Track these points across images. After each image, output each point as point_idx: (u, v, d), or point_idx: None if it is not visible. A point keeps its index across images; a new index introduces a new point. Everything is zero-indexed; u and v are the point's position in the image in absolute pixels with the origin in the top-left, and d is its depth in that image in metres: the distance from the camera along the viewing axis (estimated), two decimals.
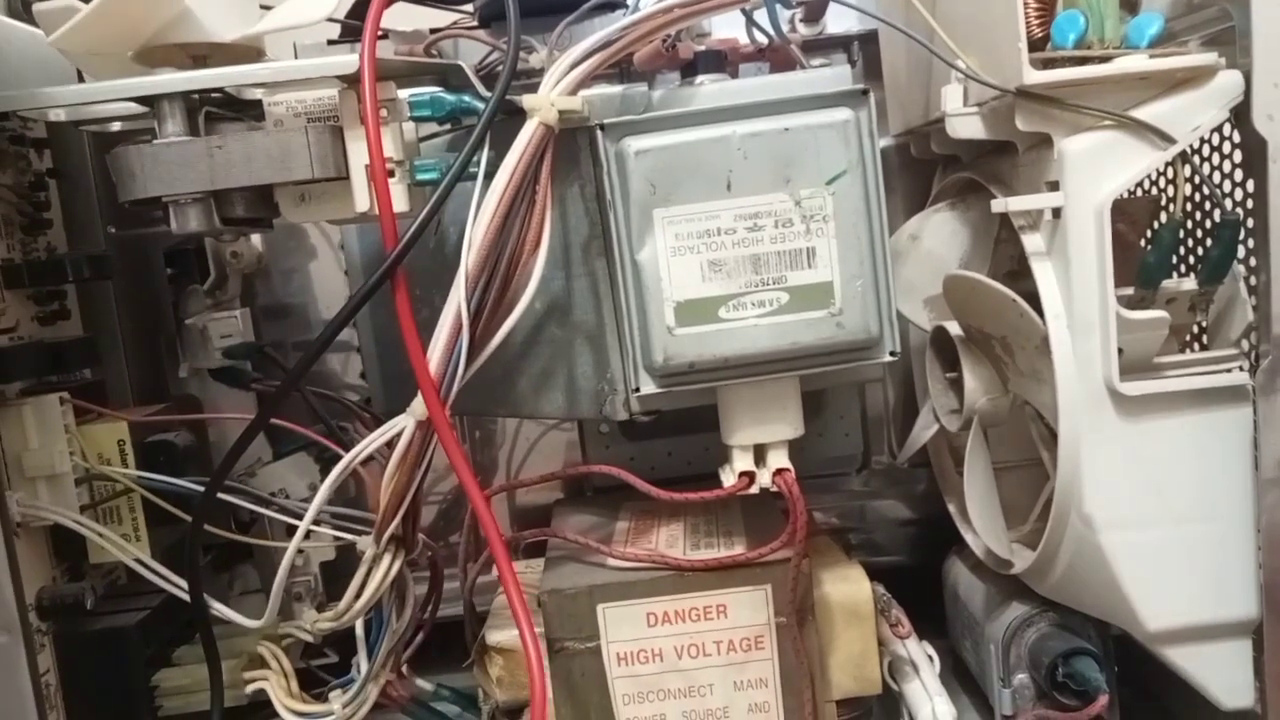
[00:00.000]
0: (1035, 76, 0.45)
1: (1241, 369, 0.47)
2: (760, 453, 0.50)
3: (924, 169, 0.65)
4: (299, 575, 0.64)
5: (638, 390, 0.48)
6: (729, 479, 0.49)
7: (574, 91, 0.45)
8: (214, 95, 0.47)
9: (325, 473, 0.63)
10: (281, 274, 0.71)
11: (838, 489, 0.73)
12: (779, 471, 0.49)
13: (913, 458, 0.69)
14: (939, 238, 0.59)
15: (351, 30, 0.62)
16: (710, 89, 0.49)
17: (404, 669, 0.58)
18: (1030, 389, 0.51)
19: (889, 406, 0.72)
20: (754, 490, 0.49)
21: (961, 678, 0.61)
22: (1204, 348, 0.53)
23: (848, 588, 0.52)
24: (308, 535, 0.55)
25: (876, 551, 0.73)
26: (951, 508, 0.64)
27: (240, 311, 0.60)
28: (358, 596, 0.49)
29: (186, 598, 0.50)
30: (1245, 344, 0.49)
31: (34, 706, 0.49)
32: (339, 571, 0.61)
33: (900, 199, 0.66)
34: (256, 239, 0.62)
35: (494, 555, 0.45)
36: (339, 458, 0.48)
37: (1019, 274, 0.52)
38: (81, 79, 0.52)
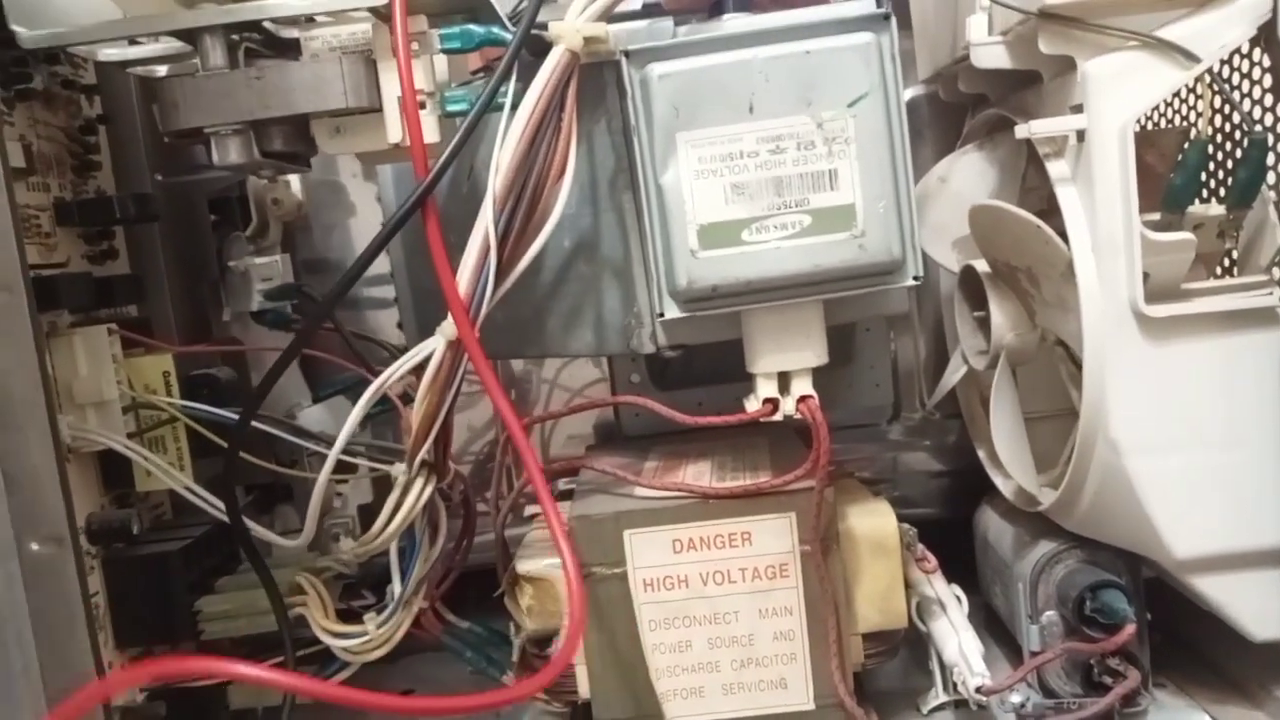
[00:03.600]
0: None
1: (1271, 293, 0.47)
2: (784, 381, 0.50)
3: (954, 118, 0.65)
4: (338, 517, 0.66)
5: (662, 315, 0.48)
6: (753, 406, 0.50)
7: (599, 20, 0.46)
8: (253, 36, 0.49)
9: (367, 419, 0.65)
10: (322, 229, 0.73)
11: (869, 440, 0.73)
12: (803, 398, 0.49)
13: (944, 408, 0.69)
14: (967, 179, 0.59)
15: None
16: (735, 23, 0.49)
17: (438, 605, 0.60)
18: (1057, 319, 0.50)
19: (920, 359, 0.72)
20: (778, 417, 0.50)
21: (993, 630, 0.61)
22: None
23: (873, 521, 0.53)
24: (349, 470, 0.57)
25: (908, 504, 0.73)
26: (982, 454, 0.63)
27: (281, 256, 0.62)
28: (390, 520, 0.50)
29: (226, 519, 0.51)
30: (1277, 271, 0.49)
31: (84, 624, 0.51)
32: (378, 514, 0.63)
33: (931, 148, 0.66)
34: (296, 187, 0.64)
35: (529, 477, 0.46)
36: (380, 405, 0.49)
37: (1047, 215, 0.52)
38: None
